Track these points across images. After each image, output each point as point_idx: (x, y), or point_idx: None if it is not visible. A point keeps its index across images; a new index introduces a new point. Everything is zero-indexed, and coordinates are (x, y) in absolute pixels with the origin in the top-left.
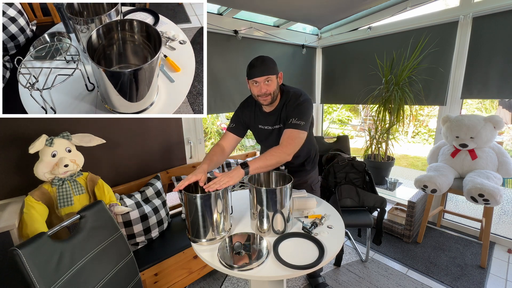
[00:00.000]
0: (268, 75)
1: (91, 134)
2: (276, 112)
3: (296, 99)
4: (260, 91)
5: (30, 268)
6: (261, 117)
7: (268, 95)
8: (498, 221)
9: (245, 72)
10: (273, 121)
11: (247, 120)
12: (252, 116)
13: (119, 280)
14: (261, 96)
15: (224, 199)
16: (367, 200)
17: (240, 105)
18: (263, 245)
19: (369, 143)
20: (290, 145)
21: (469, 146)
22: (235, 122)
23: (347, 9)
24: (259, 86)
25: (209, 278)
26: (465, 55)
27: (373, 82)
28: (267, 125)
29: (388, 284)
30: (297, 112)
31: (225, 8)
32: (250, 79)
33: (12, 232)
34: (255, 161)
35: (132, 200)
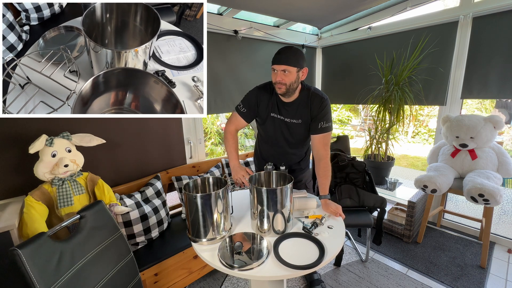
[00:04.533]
0: (286, 65)
1: (91, 134)
2: (294, 104)
3: (320, 101)
4: (275, 79)
5: (30, 268)
6: (277, 106)
7: (283, 84)
8: (498, 221)
9: (245, 72)
10: (290, 114)
11: (260, 104)
12: (267, 102)
13: (119, 280)
14: (276, 84)
15: (224, 199)
16: (367, 200)
17: (256, 88)
18: (264, 245)
19: (369, 143)
20: (328, 150)
21: (469, 146)
22: (247, 106)
23: (347, 9)
24: (275, 74)
25: (209, 278)
26: (465, 55)
27: (373, 82)
28: (280, 115)
29: (388, 284)
30: (323, 114)
31: (225, 8)
32: (272, 66)
33: (12, 232)
34: (325, 186)
35: (132, 200)
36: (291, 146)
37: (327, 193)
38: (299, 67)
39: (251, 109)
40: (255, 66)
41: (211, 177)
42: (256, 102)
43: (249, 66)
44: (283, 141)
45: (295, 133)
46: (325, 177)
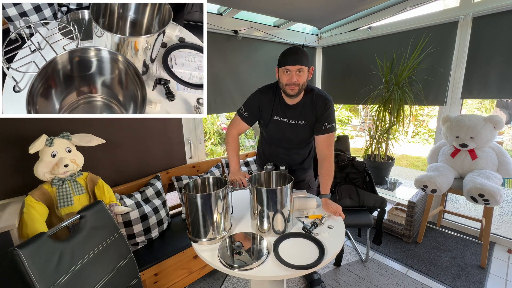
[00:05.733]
0: (301, 65)
1: (91, 134)
2: (298, 107)
3: (324, 101)
4: (290, 80)
5: (30, 268)
6: (280, 108)
7: (297, 85)
8: (498, 221)
9: (245, 72)
10: (295, 116)
11: (262, 108)
12: (270, 105)
13: (119, 280)
14: (289, 85)
15: (224, 199)
16: (367, 200)
17: (258, 91)
18: (263, 245)
19: (369, 143)
20: (332, 151)
21: (469, 146)
22: (249, 110)
23: (347, 9)
24: (290, 75)
25: (209, 278)
26: (465, 55)
27: (373, 82)
28: (284, 118)
29: (388, 284)
30: (328, 115)
31: (225, 8)
32: (282, 67)
33: (12, 232)
34: (327, 186)
35: (132, 200)
36: (295, 147)
37: (328, 193)
38: (309, 67)
39: (253, 113)
40: (255, 66)
41: (211, 177)
42: (259, 106)
43: (249, 66)
44: (287, 142)
45: (299, 134)
46: (327, 177)
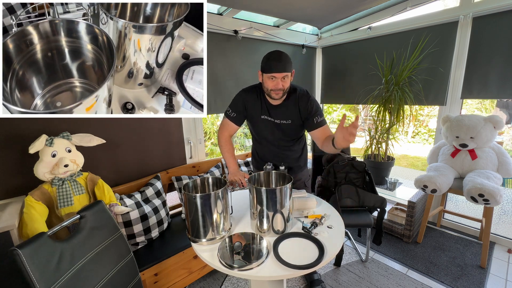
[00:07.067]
0: (287, 72)
1: (91, 134)
2: (282, 106)
3: (307, 98)
4: (276, 87)
5: (30, 268)
6: (266, 108)
7: (282, 90)
8: (498, 221)
9: (245, 72)
10: (280, 115)
11: (249, 108)
12: (256, 105)
13: (119, 280)
14: (275, 91)
15: (224, 199)
16: (367, 200)
17: (242, 91)
18: (263, 245)
19: (369, 143)
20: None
21: (469, 146)
22: (235, 110)
23: (347, 9)
24: (275, 81)
25: (209, 278)
26: (465, 55)
27: (373, 82)
28: (271, 117)
29: (388, 284)
30: (315, 110)
31: (225, 8)
32: (267, 73)
33: (12, 232)
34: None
35: (132, 200)
36: (285, 144)
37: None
38: (291, 71)
39: (240, 112)
40: (255, 66)
41: (210, 177)
42: (244, 105)
43: (249, 66)
44: (277, 140)
45: (286, 132)
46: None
